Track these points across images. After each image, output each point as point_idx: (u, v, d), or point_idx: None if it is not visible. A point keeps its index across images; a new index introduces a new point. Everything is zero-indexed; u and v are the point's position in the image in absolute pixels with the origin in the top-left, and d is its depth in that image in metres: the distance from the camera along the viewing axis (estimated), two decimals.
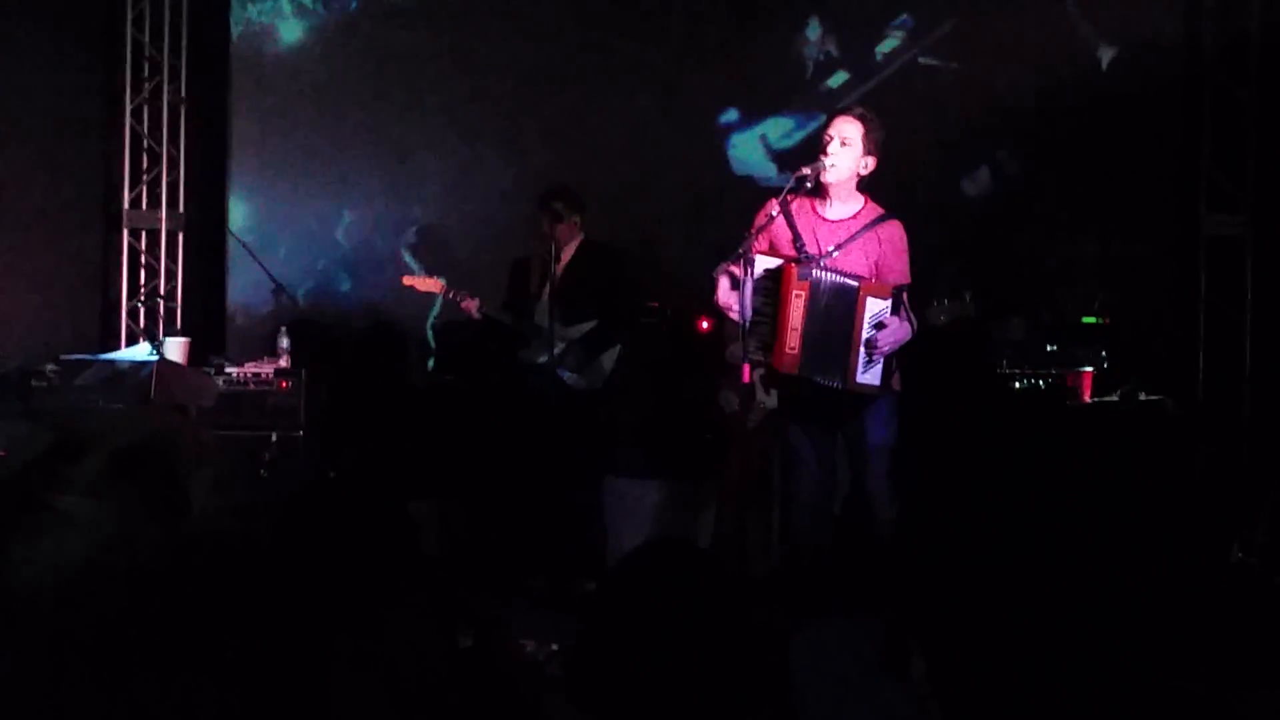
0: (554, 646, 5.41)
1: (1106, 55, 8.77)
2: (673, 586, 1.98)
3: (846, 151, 5.81)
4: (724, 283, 5.82)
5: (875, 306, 5.66)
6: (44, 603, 1.59)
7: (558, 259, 7.43)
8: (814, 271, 5.67)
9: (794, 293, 5.63)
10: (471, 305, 7.44)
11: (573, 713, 1.94)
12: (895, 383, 5.89)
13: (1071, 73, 8.76)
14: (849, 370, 5.66)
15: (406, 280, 7.79)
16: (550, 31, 9.09)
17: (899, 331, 5.68)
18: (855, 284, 5.66)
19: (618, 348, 7.46)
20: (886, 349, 5.66)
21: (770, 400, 5.89)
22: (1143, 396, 7.46)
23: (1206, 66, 8.48)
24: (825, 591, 5.94)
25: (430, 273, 7.86)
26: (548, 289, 7.41)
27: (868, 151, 5.83)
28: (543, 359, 7.36)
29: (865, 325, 5.64)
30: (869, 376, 5.69)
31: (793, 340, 5.64)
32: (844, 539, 6.18)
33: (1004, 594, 1.42)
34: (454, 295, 7.50)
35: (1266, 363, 8.28)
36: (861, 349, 5.64)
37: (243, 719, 1.52)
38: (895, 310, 5.68)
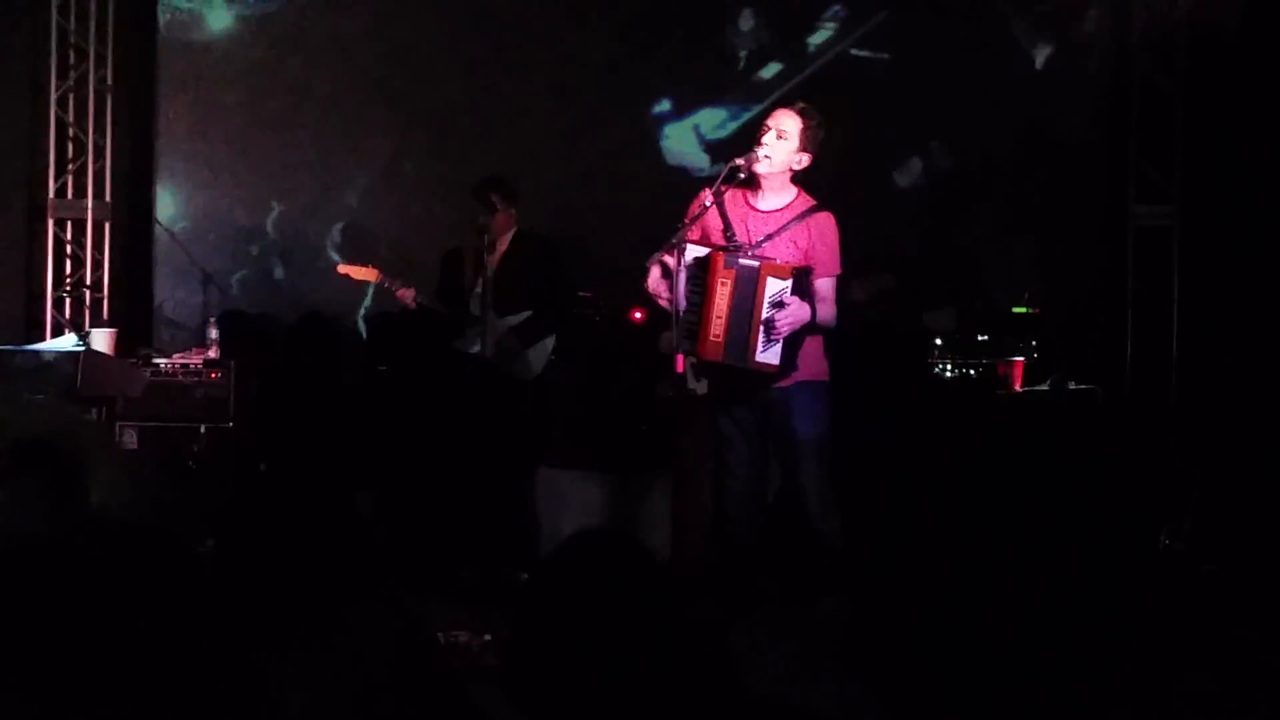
0: (487, 637, 5.40)
1: (1039, 50, 8.84)
2: (606, 577, 1.97)
3: (782, 144, 5.81)
4: (655, 271, 5.82)
5: (775, 286, 5.65)
6: None
7: (492, 249, 7.38)
8: (739, 260, 5.68)
9: (719, 280, 5.64)
10: (407, 294, 7.38)
11: (507, 707, 1.92)
12: (823, 372, 5.90)
13: (1002, 65, 8.83)
14: (749, 349, 5.67)
15: (341, 269, 7.72)
16: (483, 21, 9.04)
17: (798, 311, 5.67)
18: (755, 264, 5.67)
19: (552, 338, 7.40)
20: (785, 328, 5.65)
21: (701, 388, 5.89)
22: (1072, 385, 7.52)
23: (1134, 59, 8.56)
24: (758, 581, 5.95)
25: (361, 263, 7.78)
26: (482, 279, 7.37)
27: (804, 147, 5.84)
28: (476, 349, 7.31)
29: (765, 304, 5.64)
30: (768, 355, 5.68)
31: (717, 328, 5.65)
32: (777, 529, 6.20)
33: (936, 582, 1.43)
34: (390, 284, 7.43)
35: (1193, 352, 8.37)
36: (761, 328, 5.64)
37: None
38: (796, 291, 5.67)
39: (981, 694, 1.54)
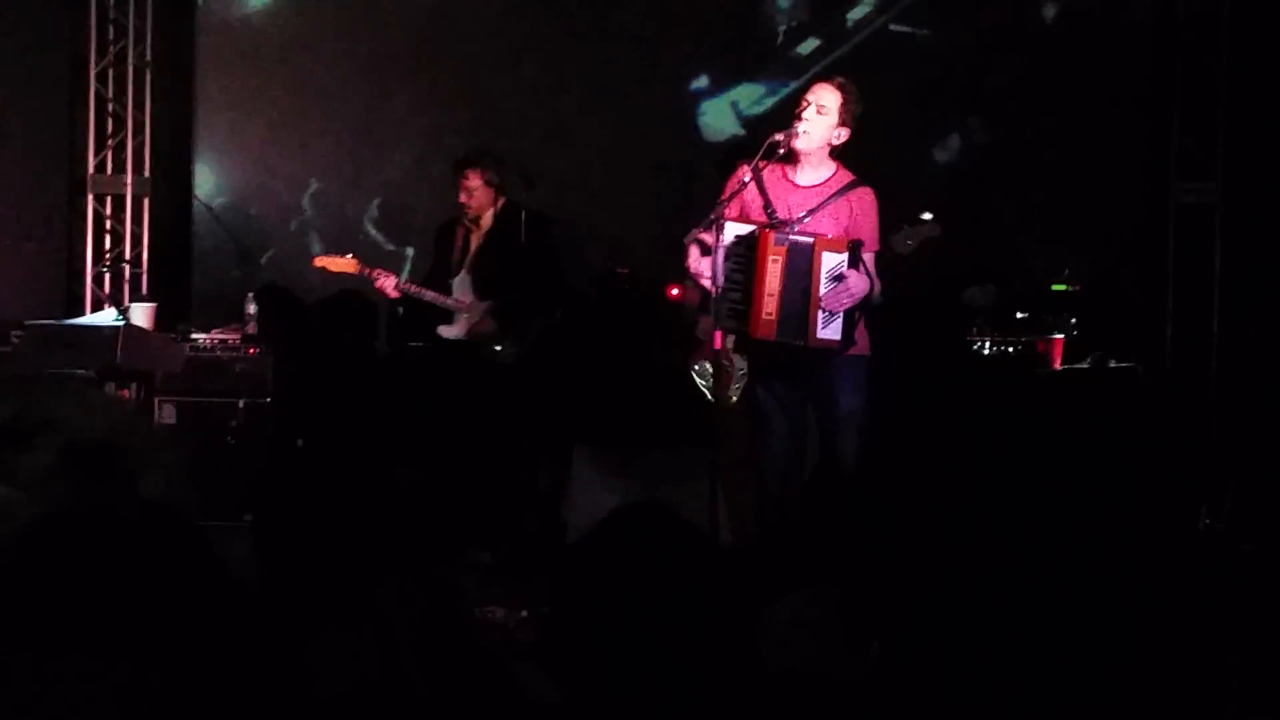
0: (524, 613, 5.41)
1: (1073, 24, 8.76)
2: (650, 553, 1.96)
3: (822, 119, 5.79)
4: (694, 250, 5.81)
5: (831, 261, 5.63)
6: None
7: (477, 225, 7.16)
8: (790, 237, 5.65)
9: (770, 258, 5.61)
10: (387, 284, 7.10)
11: (546, 681, 1.92)
12: (865, 347, 5.88)
13: (1044, 42, 8.76)
14: (810, 326, 5.64)
15: (318, 261, 7.49)
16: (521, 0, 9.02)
17: (858, 285, 5.65)
18: (809, 241, 5.64)
19: (541, 319, 7.18)
20: (846, 302, 5.63)
21: (742, 366, 5.87)
22: (1113, 364, 7.47)
23: (1178, 33, 8.48)
24: (794, 559, 5.94)
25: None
26: (468, 259, 7.14)
27: (843, 122, 5.81)
28: (455, 333, 7.13)
29: (822, 280, 5.62)
30: (829, 332, 5.67)
31: (770, 306, 5.62)
32: (814, 506, 6.18)
33: (970, 563, 1.42)
34: (369, 273, 7.16)
35: (1234, 330, 8.30)
36: (821, 304, 5.62)
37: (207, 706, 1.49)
38: (853, 264, 5.65)
39: (1014, 673, 1.53)
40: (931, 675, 1.50)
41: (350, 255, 7.38)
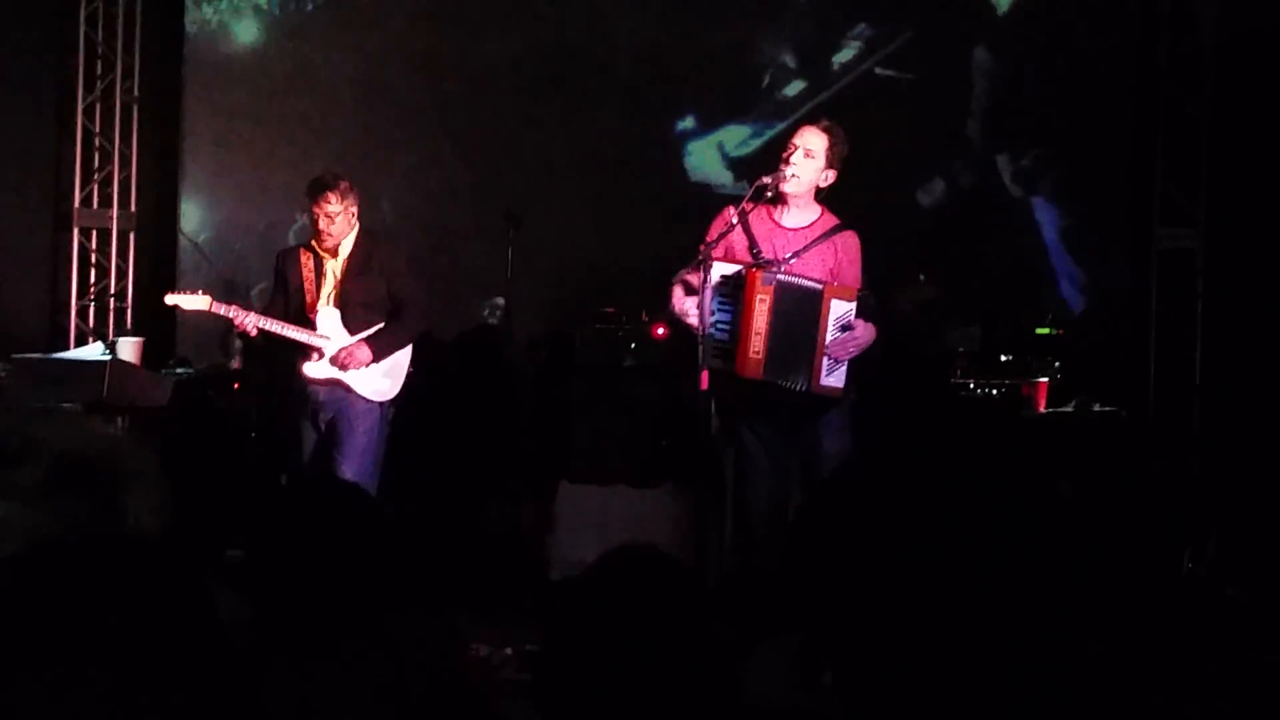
0: (508, 650, 5.40)
1: (1058, 71, 8.83)
2: (640, 592, 1.97)
3: (809, 163, 5.81)
4: (678, 290, 5.81)
5: (840, 309, 5.66)
6: None
7: (333, 254, 6.42)
8: (778, 276, 5.67)
9: (758, 297, 5.62)
10: (246, 321, 6.33)
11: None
12: (852, 390, 5.89)
13: (1028, 87, 8.83)
14: (814, 372, 5.66)
15: (169, 299, 6.73)
16: (507, 36, 9.06)
17: (865, 335, 5.69)
18: (819, 286, 5.66)
19: (407, 353, 6.52)
20: (853, 351, 5.67)
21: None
22: (1097, 407, 7.50)
23: (1160, 80, 8.55)
24: (779, 602, 5.93)
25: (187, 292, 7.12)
26: (330, 292, 6.43)
27: (829, 165, 5.83)
28: (321, 374, 6.39)
29: (830, 327, 5.64)
30: (833, 379, 5.69)
31: (757, 344, 5.63)
32: (797, 547, 6.16)
33: (953, 605, 1.41)
34: (224, 311, 6.41)
35: (1216, 375, 8.35)
36: (827, 351, 5.64)
37: None
38: (861, 314, 5.68)
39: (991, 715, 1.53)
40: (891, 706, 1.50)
41: (202, 291, 6.68)
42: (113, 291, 9.05)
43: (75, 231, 9.08)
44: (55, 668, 1.41)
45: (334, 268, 6.42)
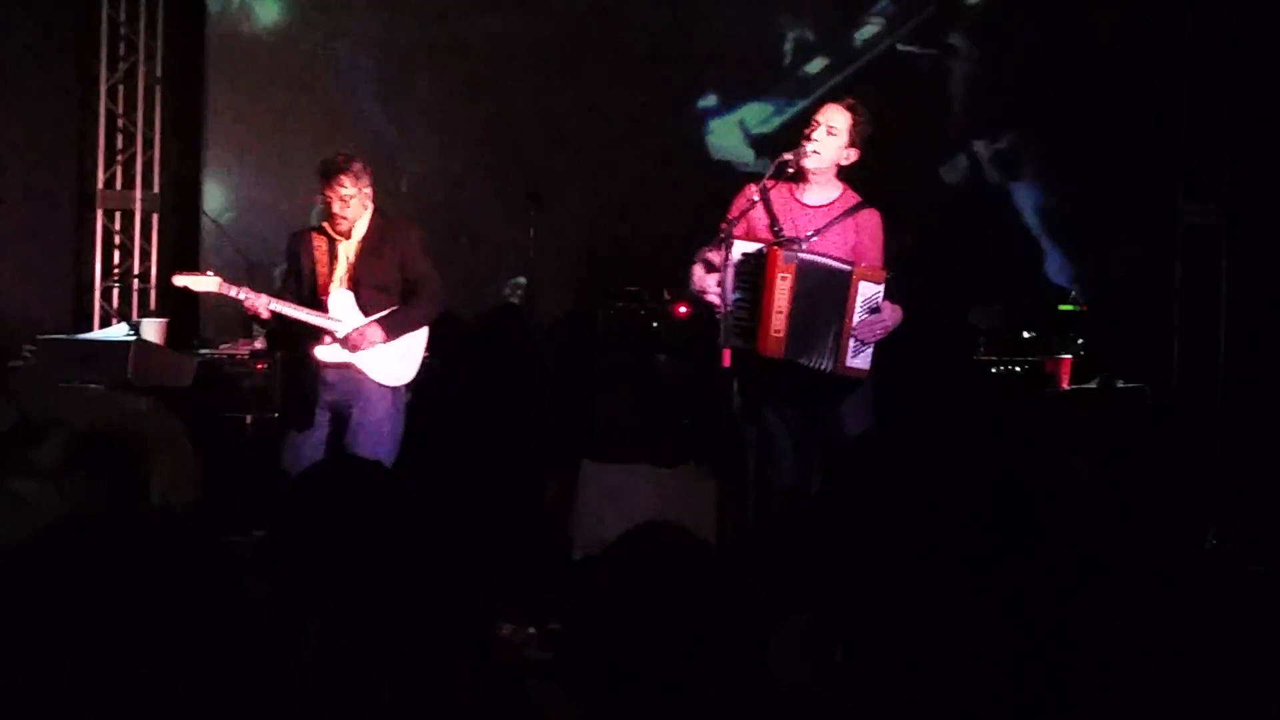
0: (531, 630, 5.41)
1: (1084, 45, 8.79)
2: (663, 570, 1.97)
3: (832, 140, 5.80)
4: (698, 269, 5.81)
5: (868, 290, 5.65)
6: None
7: (346, 236, 6.32)
8: (799, 255, 5.66)
9: (779, 275, 5.62)
10: (259, 303, 6.19)
11: (563, 700, 1.93)
12: (872, 370, 5.89)
13: (1051, 62, 8.78)
14: (840, 353, 5.65)
15: (177, 280, 6.59)
16: (530, 17, 9.05)
17: (892, 317, 5.68)
18: (848, 268, 5.65)
19: (422, 336, 6.43)
20: (880, 333, 5.66)
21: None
22: (1120, 384, 7.48)
23: (1185, 56, 8.50)
24: (803, 579, 5.93)
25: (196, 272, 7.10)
26: (344, 274, 6.32)
27: (852, 143, 5.82)
28: (334, 357, 6.28)
29: (858, 309, 5.63)
30: (859, 361, 5.68)
31: (778, 323, 5.63)
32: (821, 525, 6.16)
33: (976, 584, 1.41)
34: (233, 292, 6.27)
35: (1240, 351, 8.32)
36: (854, 333, 5.63)
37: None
38: (888, 295, 5.67)
39: (1013, 696, 1.52)
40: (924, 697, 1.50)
41: (211, 272, 6.60)
42: (136, 272, 9.08)
43: (99, 213, 9.11)
44: (82, 648, 1.42)
45: (347, 250, 6.31)
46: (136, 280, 9.06)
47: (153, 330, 7.90)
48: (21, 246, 8.77)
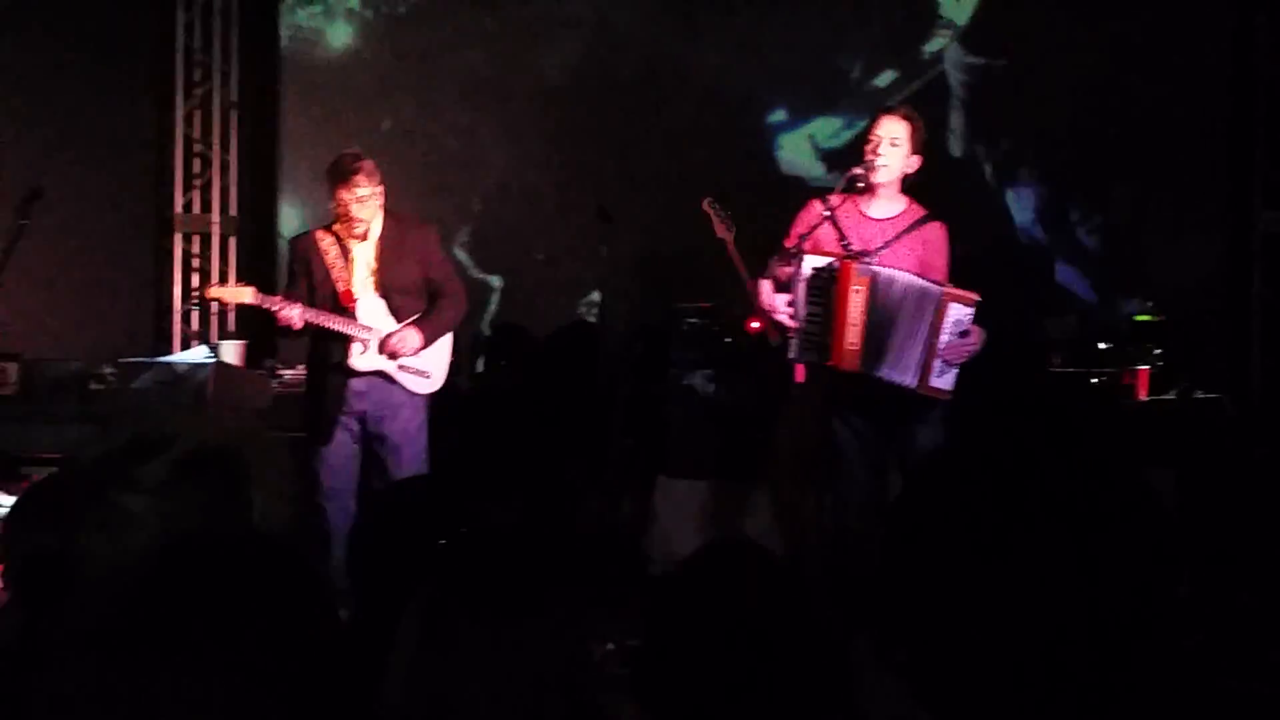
0: (609, 646, 5.41)
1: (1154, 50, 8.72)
2: (742, 587, 1.99)
3: (895, 151, 5.80)
4: (765, 285, 5.81)
5: (958, 313, 5.60)
6: (100, 597, 1.60)
7: (361, 238, 6.09)
8: (873, 267, 5.65)
9: (853, 288, 5.60)
10: (293, 314, 5.96)
11: (641, 716, 1.94)
12: None
13: (1124, 71, 8.71)
14: (926, 372, 5.62)
15: (212, 292, 6.44)
16: (598, 33, 9.10)
17: (979, 340, 5.64)
18: (939, 289, 5.62)
19: (449, 338, 6.28)
20: (966, 356, 5.62)
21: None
22: (1199, 395, 7.40)
23: (1259, 62, 8.41)
24: (878, 593, 5.90)
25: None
26: (372, 281, 6.10)
27: (914, 150, 5.82)
28: (365, 365, 6.09)
29: (946, 330, 5.59)
30: (943, 382, 5.64)
31: (852, 336, 5.60)
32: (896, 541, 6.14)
33: (1050, 600, 1.41)
34: (267, 304, 6.04)
35: None
36: (941, 354, 5.60)
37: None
38: (977, 319, 5.64)
39: (1084, 710, 1.52)
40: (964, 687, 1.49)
41: (244, 283, 6.50)
42: None
43: (177, 237, 9.25)
44: (183, 662, 1.46)
45: (364, 253, 6.08)
46: (215, 302, 9.18)
47: (231, 352, 8.01)
48: (103, 270, 8.92)
